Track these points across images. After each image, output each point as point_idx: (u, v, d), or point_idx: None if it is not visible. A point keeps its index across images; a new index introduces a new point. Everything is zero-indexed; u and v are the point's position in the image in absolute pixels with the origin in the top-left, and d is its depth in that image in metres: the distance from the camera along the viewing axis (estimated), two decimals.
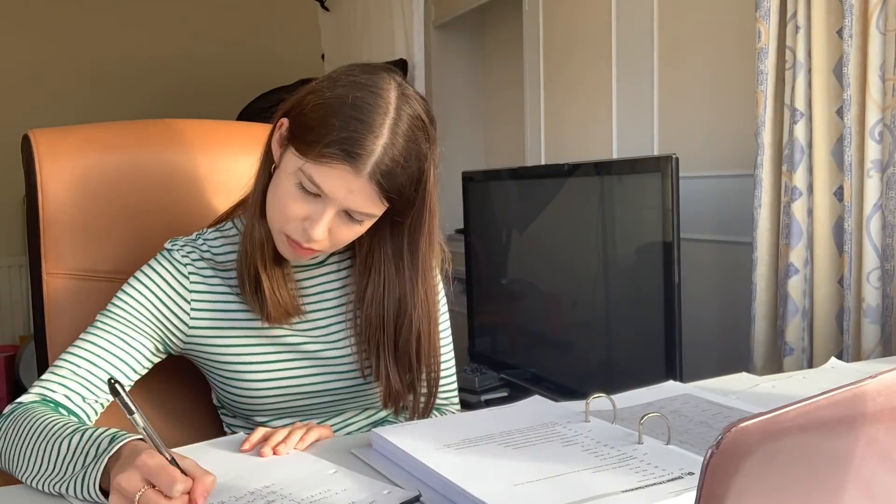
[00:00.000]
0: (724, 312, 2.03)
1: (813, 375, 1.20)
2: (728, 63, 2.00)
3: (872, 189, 1.48)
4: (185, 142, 1.22)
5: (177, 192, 1.17)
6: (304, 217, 0.91)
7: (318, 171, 0.88)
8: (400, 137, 0.89)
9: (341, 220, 0.91)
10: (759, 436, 0.38)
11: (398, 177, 0.89)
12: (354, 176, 0.87)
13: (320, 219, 0.90)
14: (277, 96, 3.69)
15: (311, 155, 0.88)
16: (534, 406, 0.97)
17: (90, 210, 1.13)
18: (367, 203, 0.89)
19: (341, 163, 0.86)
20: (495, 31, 3.45)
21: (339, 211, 0.90)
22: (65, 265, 1.12)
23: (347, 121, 0.87)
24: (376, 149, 0.87)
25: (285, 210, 0.91)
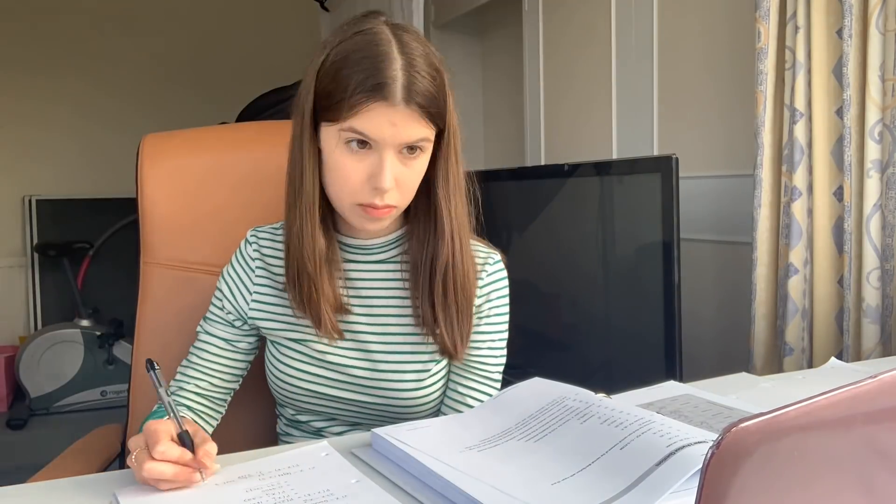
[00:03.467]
0: (724, 312, 2.03)
1: (813, 375, 1.20)
2: (728, 63, 2.00)
3: (872, 189, 1.48)
4: (268, 142, 1.34)
5: (259, 190, 1.28)
6: (367, 176, 0.91)
7: (358, 122, 0.88)
8: (413, 55, 0.90)
9: (401, 162, 0.92)
10: (759, 436, 0.38)
11: (431, 91, 0.90)
12: (391, 107, 0.88)
13: (383, 168, 0.90)
14: (277, 96, 3.67)
15: (343, 113, 0.89)
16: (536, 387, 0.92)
17: (181, 206, 1.27)
18: (416, 128, 0.90)
19: (373, 101, 0.87)
20: (495, 31, 3.45)
21: (395, 152, 0.91)
22: (158, 255, 1.26)
23: (358, 63, 0.88)
24: (398, 73, 0.88)
25: (348, 178, 0.92)
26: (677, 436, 0.70)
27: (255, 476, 0.79)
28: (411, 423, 0.90)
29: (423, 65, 0.90)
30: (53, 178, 4.24)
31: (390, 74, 0.88)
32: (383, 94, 0.87)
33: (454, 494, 0.70)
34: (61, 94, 4.27)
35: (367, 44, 0.89)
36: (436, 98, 0.91)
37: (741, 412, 0.93)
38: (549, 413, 0.83)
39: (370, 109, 0.87)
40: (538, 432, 0.80)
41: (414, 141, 0.91)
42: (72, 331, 3.87)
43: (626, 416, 0.76)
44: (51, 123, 4.26)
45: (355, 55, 0.89)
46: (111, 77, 4.35)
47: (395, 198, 0.93)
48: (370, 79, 0.87)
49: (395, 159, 0.91)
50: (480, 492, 0.68)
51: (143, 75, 4.39)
